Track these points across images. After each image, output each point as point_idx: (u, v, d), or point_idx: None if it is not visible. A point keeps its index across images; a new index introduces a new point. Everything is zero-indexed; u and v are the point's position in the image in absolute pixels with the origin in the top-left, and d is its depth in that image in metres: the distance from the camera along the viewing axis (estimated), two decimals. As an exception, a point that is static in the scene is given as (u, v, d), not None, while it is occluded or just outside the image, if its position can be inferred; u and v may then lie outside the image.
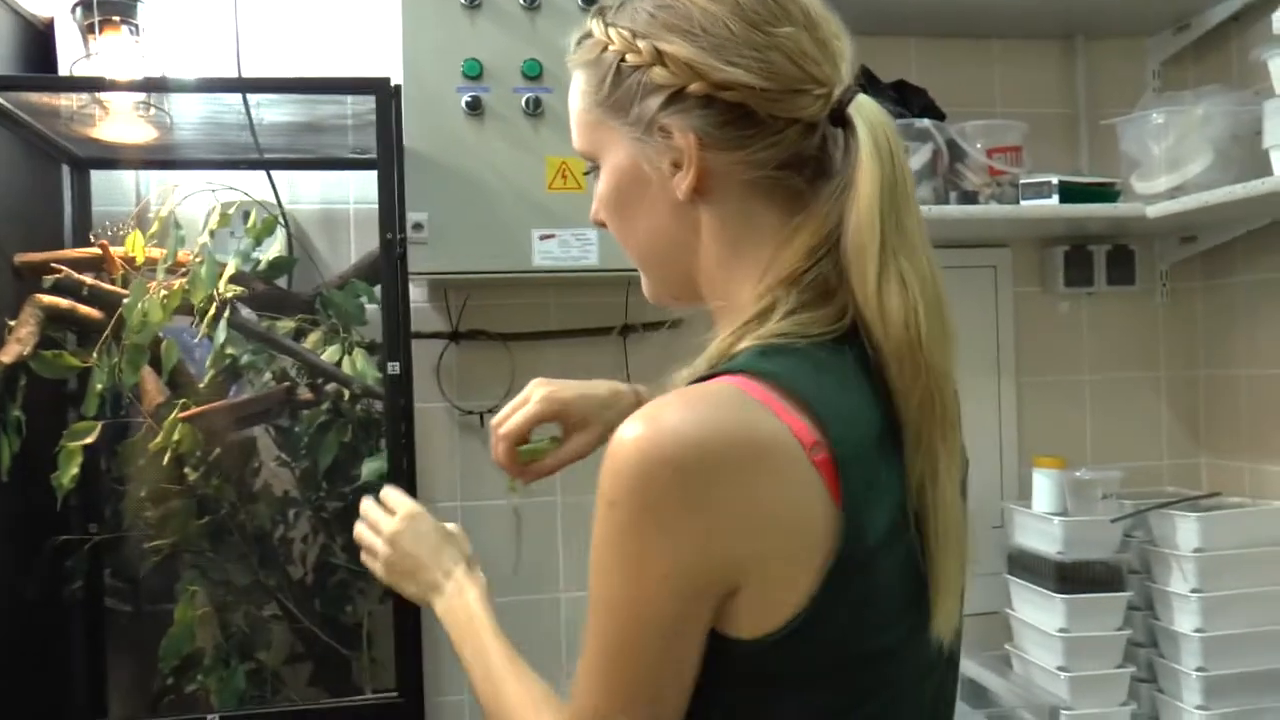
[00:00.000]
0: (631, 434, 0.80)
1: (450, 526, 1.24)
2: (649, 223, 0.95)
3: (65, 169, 2.20)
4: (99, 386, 1.85)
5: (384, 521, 1.22)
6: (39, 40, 2.16)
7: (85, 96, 1.89)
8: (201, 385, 2.02)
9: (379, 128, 1.88)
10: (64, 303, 1.94)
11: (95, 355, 1.87)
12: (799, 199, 0.91)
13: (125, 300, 1.88)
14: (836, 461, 0.80)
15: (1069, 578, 2.17)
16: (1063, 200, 2.22)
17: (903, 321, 0.85)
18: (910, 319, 0.85)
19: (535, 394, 1.22)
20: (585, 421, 1.23)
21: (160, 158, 2.21)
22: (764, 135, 0.90)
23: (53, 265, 1.96)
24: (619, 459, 0.80)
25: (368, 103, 1.91)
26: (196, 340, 1.98)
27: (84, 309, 1.95)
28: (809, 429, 0.80)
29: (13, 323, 1.87)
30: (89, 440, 1.87)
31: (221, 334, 1.90)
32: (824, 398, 0.82)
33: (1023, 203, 2.24)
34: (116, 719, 2.11)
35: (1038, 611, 2.24)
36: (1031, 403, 2.57)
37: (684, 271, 0.96)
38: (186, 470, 1.96)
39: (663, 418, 0.80)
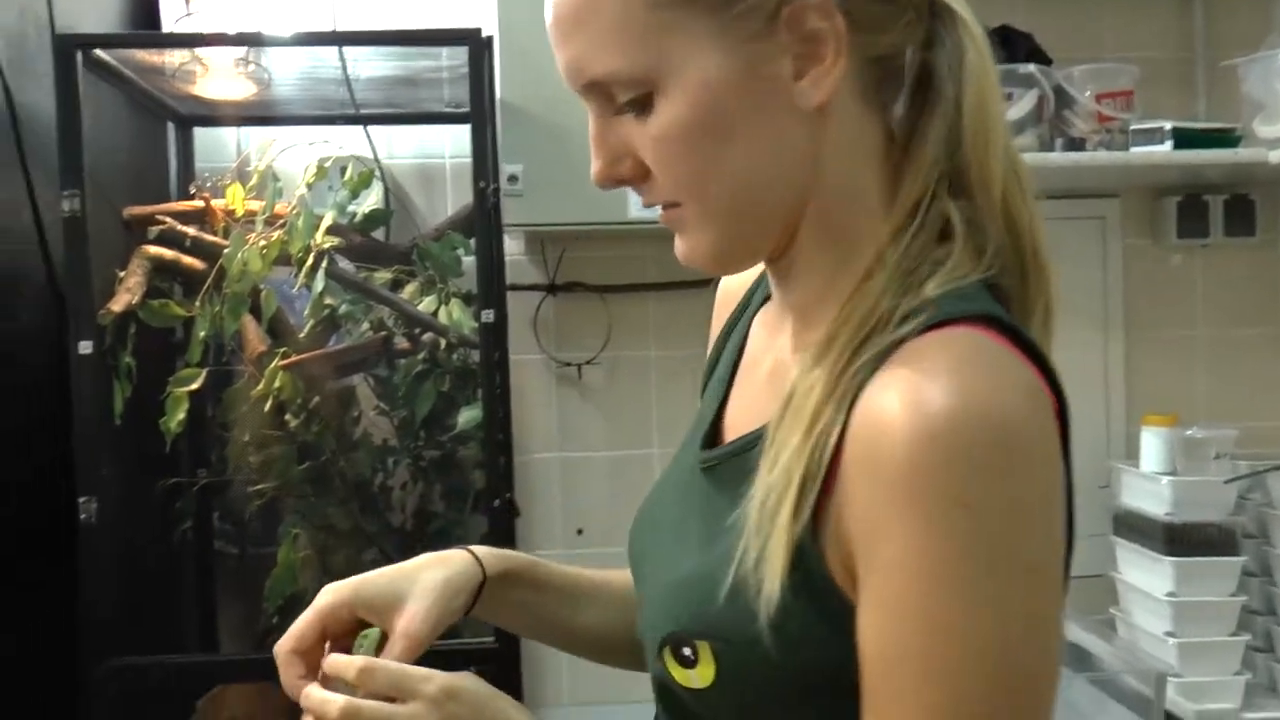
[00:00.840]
0: (940, 412, 0.63)
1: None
2: (751, 150, 0.74)
3: (170, 126, 2.27)
4: (201, 334, 1.90)
5: (410, 680, 0.79)
6: (144, 0, 2.22)
7: (186, 54, 1.94)
8: (301, 335, 2.06)
9: (472, 79, 1.89)
10: (169, 254, 1.99)
11: (198, 304, 1.92)
12: (902, 109, 0.78)
13: (225, 251, 1.92)
14: (1064, 420, 0.70)
15: (1178, 540, 2.10)
16: (1177, 147, 2.13)
17: (1032, 246, 0.76)
18: (1036, 235, 0.76)
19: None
20: (391, 603, 0.88)
21: (259, 114, 2.26)
22: (899, 13, 0.75)
23: (158, 218, 2.02)
24: (942, 444, 0.62)
25: (462, 56, 1.91)
26: (295, 290, 2.02)
27: (188, 260, 2.00)
28: (1047, 387, 0.69)
29: (122, 274, 1.93)
30: (194, 386, 1.93)
31: (319, 284, 1.94)
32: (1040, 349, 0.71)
33: (1133, 150, 2.15)
34: (226, 654, 2.18)
35: (1145, 575, 2.17)
36: (1140, 359, 2.49)
37: (787, 211, 0.76)
38: (288, 417, 2.01)
39: (968, 386, 0.64)
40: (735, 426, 0.85)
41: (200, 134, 2.29)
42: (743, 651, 0.72)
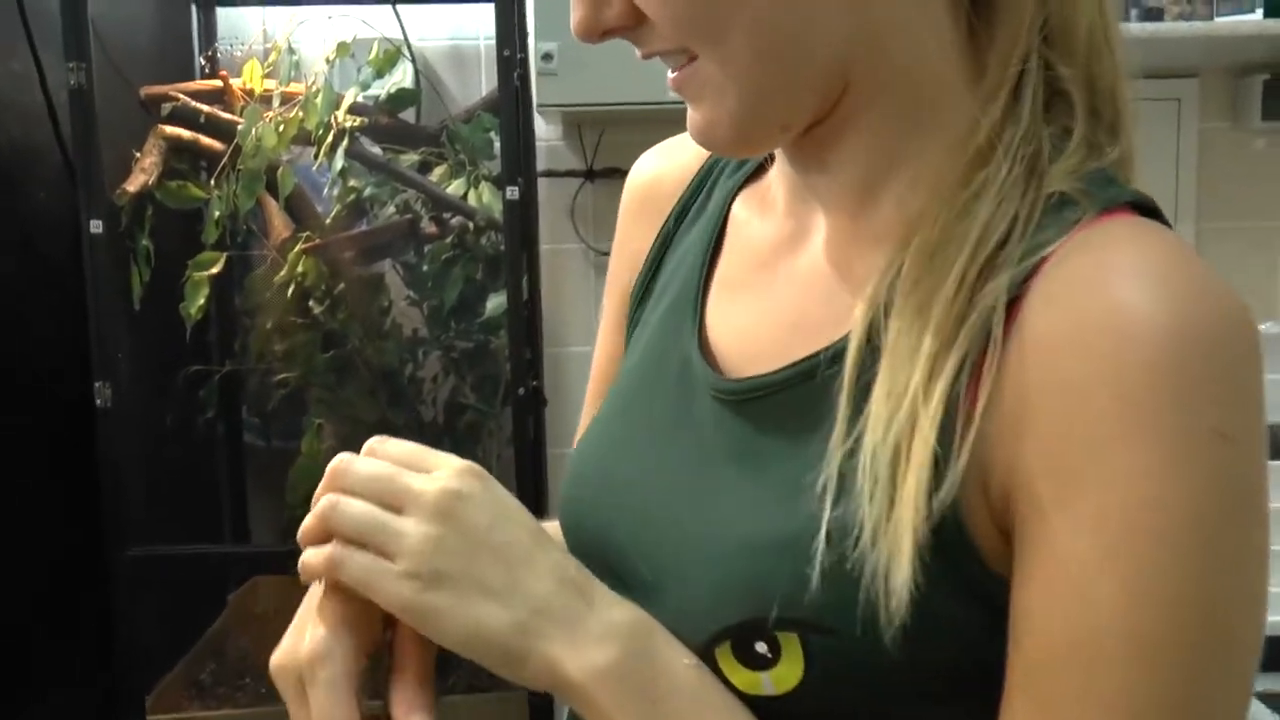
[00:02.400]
0: (1200, 317, 0.50)
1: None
2: None
3: (193, 6, 2.18)
4: (216, 214, 1.83)
5: (413, 481, 0.60)
6: None
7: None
8: (327, 220, 1.99)
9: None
10: (186, 134, 1.92)
11: (212, 183, 1.85)
12: None
13: (240, 127, 1.85)
14: None
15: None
16: (1269, 15, 1.96)
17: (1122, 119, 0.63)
18: (1124, 105, 0.63)
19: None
20: None
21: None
22: None
23: (174, 95, 1.94)
24: (1205, 357, 0.50)
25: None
26: (315, 168, 1.94)
27: (206, 140, 1.93)
28: None
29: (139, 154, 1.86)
30: (214, 271, 1.87)
31: (338, 162, 1.86)
32: None
33: (1217, 19, 1.99)
34: (255, 545, 2.16)
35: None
36: (1214, 251, 2.34)
37: (828, 66, 0.60)
38: (311, 303, 1.95)
39: (1213, 289, 0.52)
40: (750, 345, 0.67)
41: (223, 14, 2.19)
42: (849, 644, 0.55)
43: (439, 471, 0.60)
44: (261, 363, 1.97)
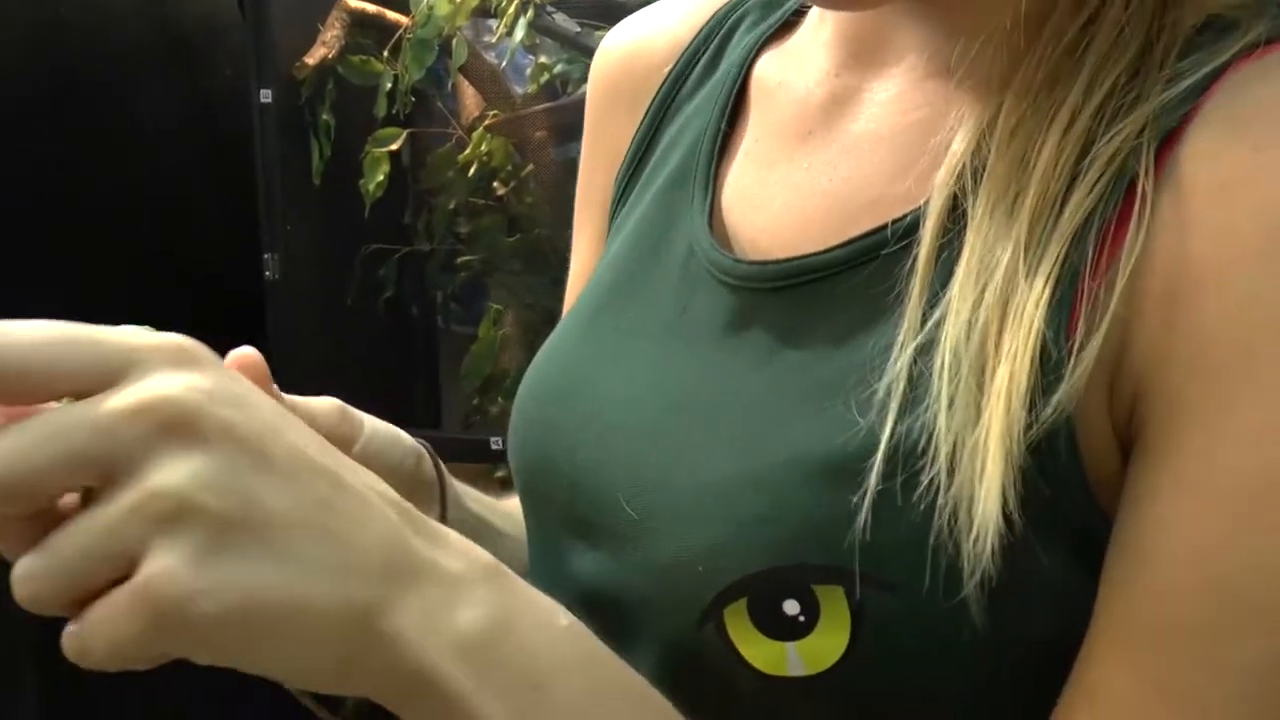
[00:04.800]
0: None
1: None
2: None
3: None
4: (388, 87, 1.79)
5: (105, 407, 0.35)
6: None
7: None
8: (519, 98, 1.92)
9: None
10: (372, 8, 1.88)
11: (385, 55, 1.81)
12: None
13: (413, -4, 1.80)
14: None
15: None
16: None
17: None
18: None
19: None
20: None
21: None
22: None
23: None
24: None
25: None
26: (494, 39, 1.86)
27: (392, 15, 1.89)
28: None
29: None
30: (394, 147, 1.83)
31: (519, 33, 1.77)
32: None
33: None
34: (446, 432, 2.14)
35: None
36: None
37: None
38: (496, 184, 1.88)
39: None
40: (783, 225, 0.54)
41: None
42: (914, 604, 0.43)
43: (134, 377, 0.35)
44: (443, 244, 1.93)
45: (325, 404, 0.55)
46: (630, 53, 0.68)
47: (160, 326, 0.34)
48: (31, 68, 1.45)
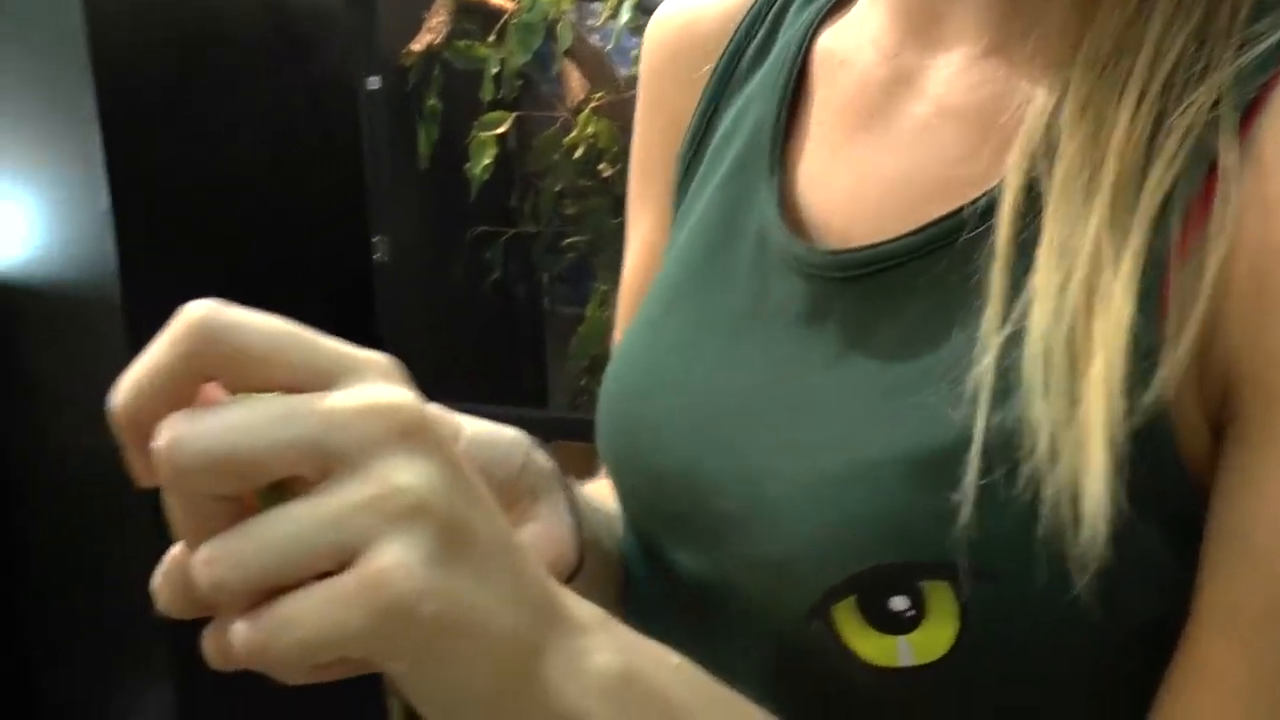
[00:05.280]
0: None
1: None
2: None
3: None
4: (493, 71, 1.81)
5: (334, 403, 0.34)
6: None
7: None
8: (624, 80, 1.92)
9: None
10: (478, -8, 1.90)
11: (491, 39, 1.82)
12: None
13: (522, -20, 1.81)
14: None
15: None
16: None
17: None
18: None
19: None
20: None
21: None
22: None
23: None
24: None
25: None
26: (600, 22, 1.87)
27: (496, 0, 1.90)
28: None
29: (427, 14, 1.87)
30: (501, 130, 1.85)
31: (624, 15, 1.77)
32: None
33: None
34: (553, 411, 2.16)
35: None
36: None
37: None
38: (602, 166, 1.89)
39: None
40: (855, 210, 0.53)
41: None
42: (1023, 594, 0.43)
43: (350, 381, 0.35)
44: (549, 226, 1.94)
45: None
46: (683, 25, 0.65)
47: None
48: (158, 62, 1.49)
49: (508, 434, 0.53)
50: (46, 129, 1.40)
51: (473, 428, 0.51)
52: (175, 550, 0.36)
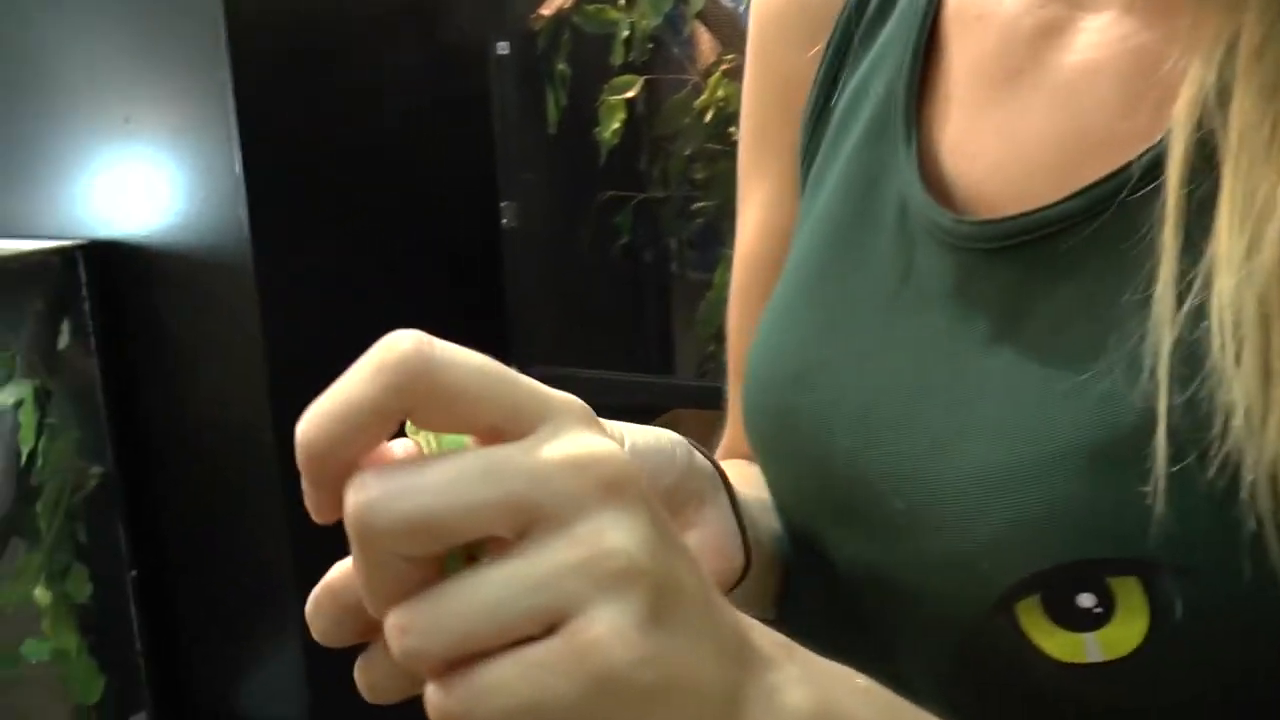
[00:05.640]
0: None
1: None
2: None
3: None
4: (624, 34, 1.78)
5: (535, 456, 0.32)
6: None
7: None
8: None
9: None
10: (606, -45, 1.88)
11: (622, 2, 1.80)
12: None
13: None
14: None
15: None
16: None
17: None
18: None
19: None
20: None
21: None
22: None
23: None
24: None
25: None
26: (731, -19, 1.83)
27: (627, -39, 1.88)
28: None
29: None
30: (630, 94, 1.83)
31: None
32: None
33: None
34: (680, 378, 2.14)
35: None
36: None
37: None
38: (732, 130, 1.85)
39: None
40: (1002, 175, 0.49)
41: None
42: (1222, 587, 0.40)
43: (550, 428, 0.33)
44: (678, 190, 1.91)
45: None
46: (795, 4, 0.61)
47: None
48: (289, 30, 1.51)
49: (668, 438, 0.50)
50: (182, 98, 1.43)
51: (634, 436, 0.49)
52: (329, 579, 0.35)
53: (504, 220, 1.70)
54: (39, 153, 1.52)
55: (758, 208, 0.65)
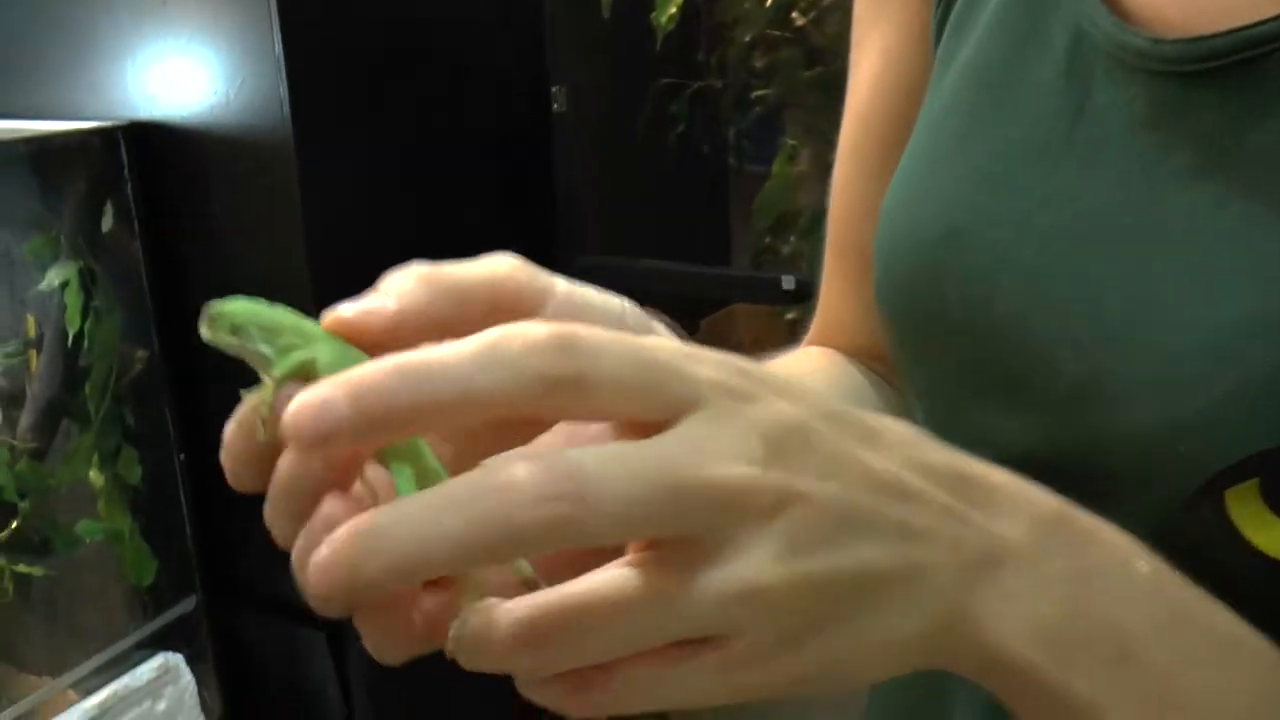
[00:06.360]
0: None
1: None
2: None
3: None
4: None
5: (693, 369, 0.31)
6: None
7: None
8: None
9: None
10: None
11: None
12: None
13: None
14: None
15: None
16: None
17: None
18: None
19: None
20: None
21: None
22: None
23: None
24: None
25: None
26: None
27: None
28: None
29: None
30: (687, -25, 1.75)
31: None
32: None
33: None
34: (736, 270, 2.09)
35: None
36: None
37: None
38: (794, 15, 1.78)
39: None
40: None
41: None
42: None
43: (698, 416, 0.30)
44: (737, 78, 1.85)
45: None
46: None
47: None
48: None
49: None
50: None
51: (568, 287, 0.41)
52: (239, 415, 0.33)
53: (554, 105, 1.65)
54: (78, 35, 1.49)
55: (876, 55, 0.59)
